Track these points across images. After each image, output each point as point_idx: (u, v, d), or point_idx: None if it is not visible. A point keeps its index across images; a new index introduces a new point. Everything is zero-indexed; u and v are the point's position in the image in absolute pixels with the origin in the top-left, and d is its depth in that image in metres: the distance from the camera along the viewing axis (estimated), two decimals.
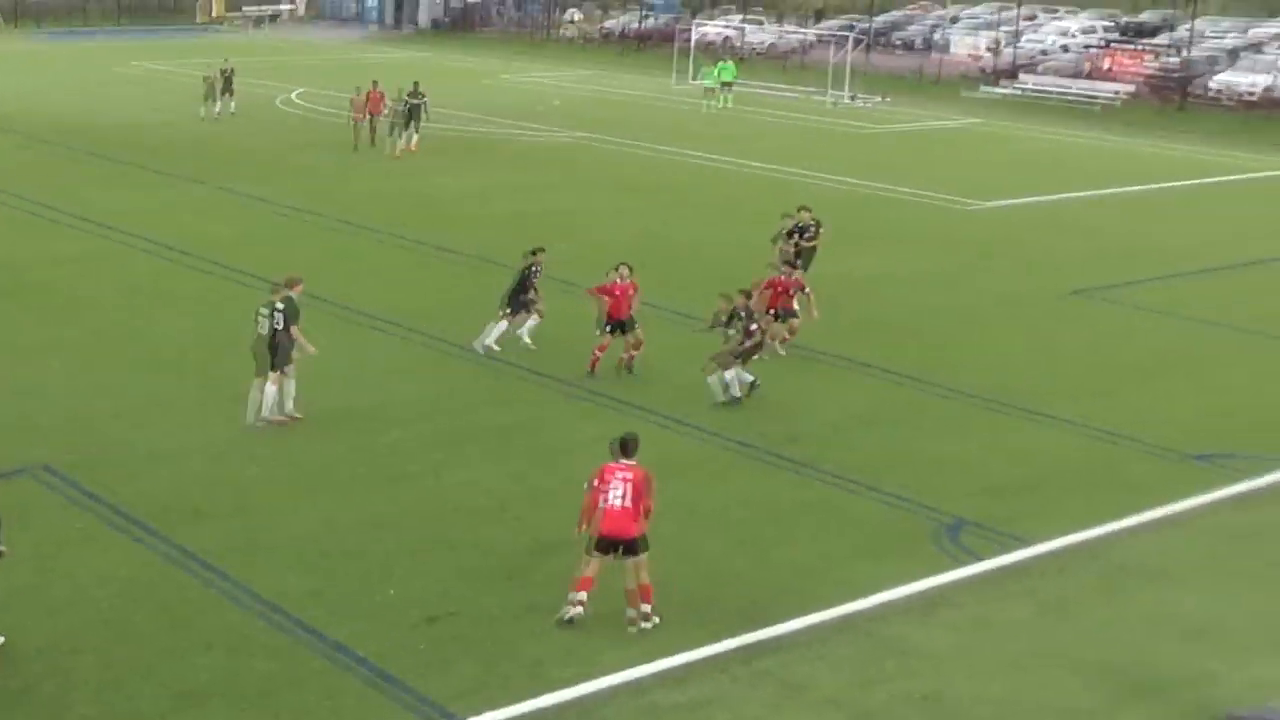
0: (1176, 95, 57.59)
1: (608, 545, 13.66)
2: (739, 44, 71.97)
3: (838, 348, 22.72)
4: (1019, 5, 70.55)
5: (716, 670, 12.94)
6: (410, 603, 13.98)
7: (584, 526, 13.82)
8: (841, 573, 15.00)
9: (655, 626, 13.63)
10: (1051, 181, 39.34)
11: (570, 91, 57.18)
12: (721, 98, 53.72)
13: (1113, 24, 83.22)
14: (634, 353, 21.21)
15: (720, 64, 56.06)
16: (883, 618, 14.11)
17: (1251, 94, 57.31)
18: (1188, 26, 67.68)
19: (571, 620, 13.60)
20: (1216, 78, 59.42)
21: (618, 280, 21.17)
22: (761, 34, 75.14)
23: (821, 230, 25.68)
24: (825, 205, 34.51)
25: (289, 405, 18.81)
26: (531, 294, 22.15)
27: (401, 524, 15.82)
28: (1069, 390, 21.33)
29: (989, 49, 65.24)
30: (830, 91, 57.05)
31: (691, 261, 28.17)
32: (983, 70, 64.40)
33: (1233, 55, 64.63)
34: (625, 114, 50.75)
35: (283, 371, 18.67)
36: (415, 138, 40.19)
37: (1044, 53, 67.47)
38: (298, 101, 51.14)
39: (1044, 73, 62.55)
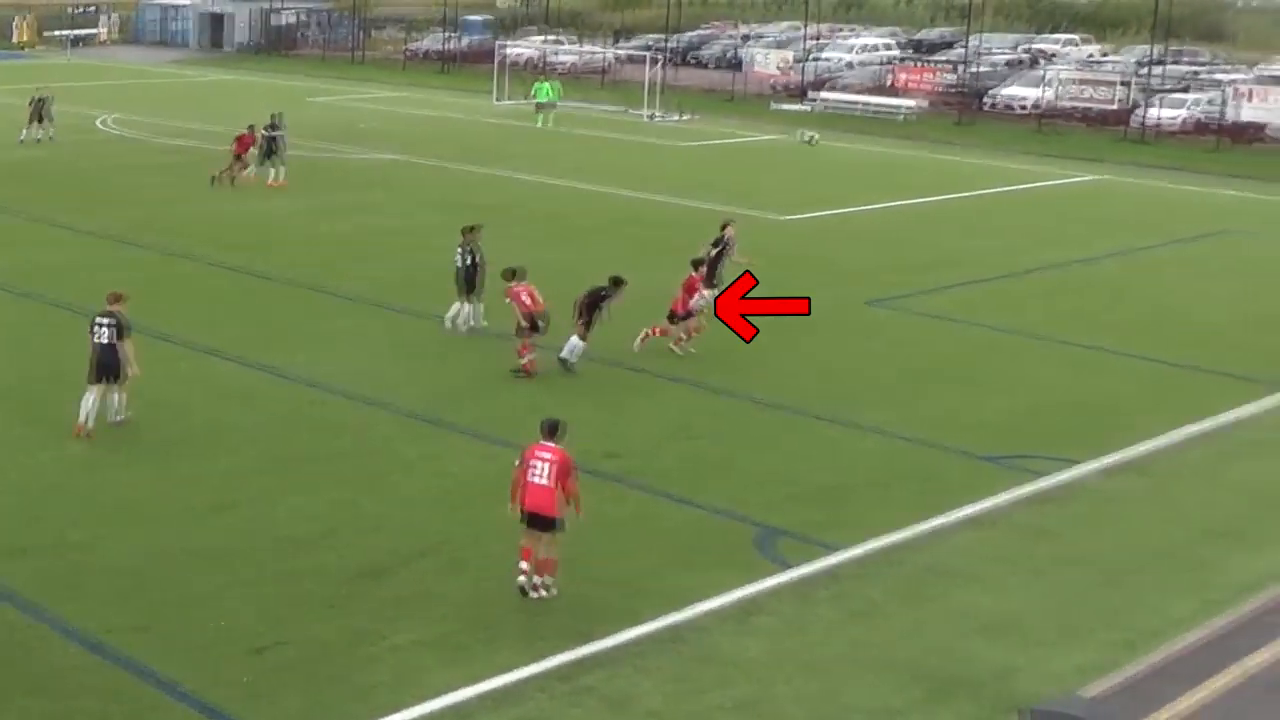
0: (962, 109, 59.00)
1: (532, 521, 14.35)
2: (544, 64, 71.89)
3: (652, 362, 22.74)
4: (804, 25, 71.71)
5: (538, 689, 12.79)
6: (239, 634, 13.57)
7: (513, 503, 14.50)
8: (661, 584, 14.97)
9: (543, 599, 14.37)
10: (851, 194, 39.97)
11: (388, 112, 56.51)
12: (542, 116, 53.63)
13: (900, 41, 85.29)
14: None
15: (543, 83, 56.07)
16: (702, 627, 14.11)
17: (1025, 107, 59.06)
18: (969, 43, 69.45)
19: (523, 589, 14.35)
20: (994, 91, 61.12)
21: (520, 285, 22.01)
22: (566, 54, 75.19)
23: (727, 248, 25.74)
24: (643, 221, 34.92)
25: (116, 415, 18.81)
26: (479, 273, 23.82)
27: (230, 554, 15.37)
28: (872, 398, 21.64)
29: (781, 67, 66.03)
30: (644, 110, 57.26)
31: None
32: (775, 87, 65.23)
33: (1012, 69, 66.59)
34: (444, 133, 50.32)
35: (110, 382, 18.60)
36: (280, 171, 37.67)
37: (849, 65, 68.69)
38: (114, 126, 49.69)
39: (839, 89, 63.62)
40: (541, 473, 14.37)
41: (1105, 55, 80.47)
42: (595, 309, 22.31)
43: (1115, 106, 56.54)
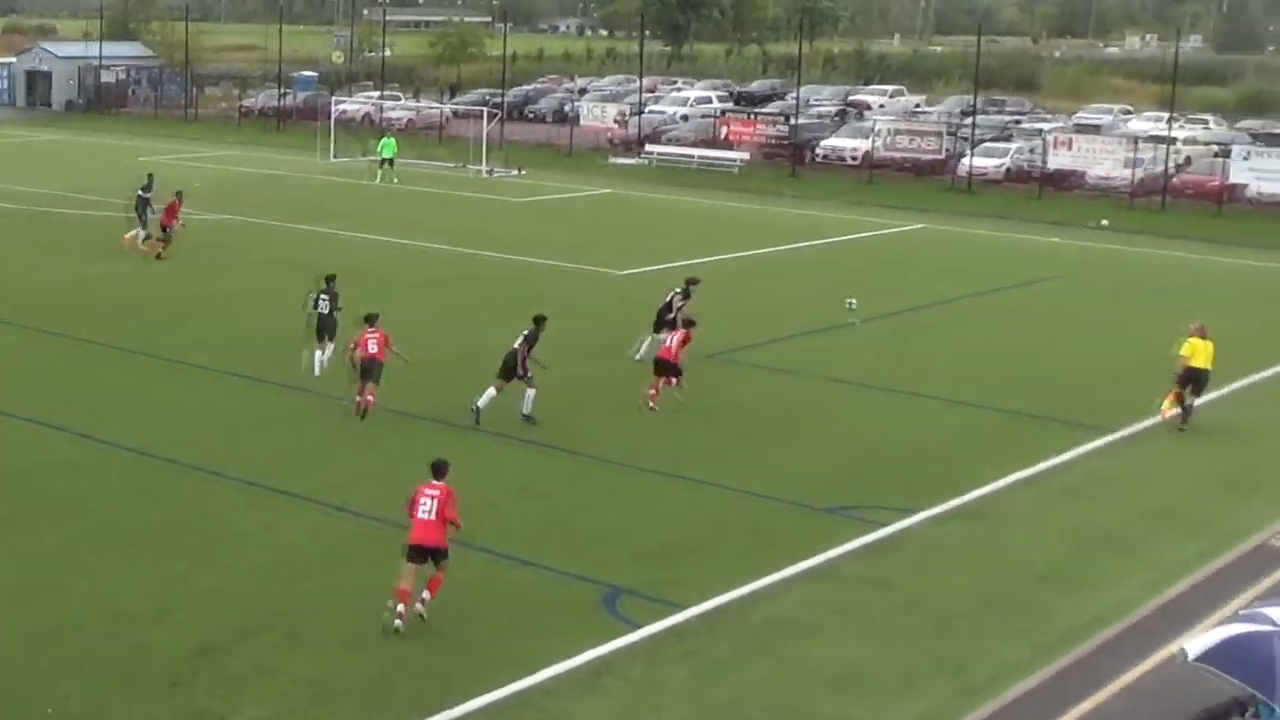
0: (789, 160, 60.02)
1: (418, 553, 15.34)
2: (378, 119, 71.56)
3: (485, 421, 22.63)
4: (639, 78, 72.46)
5: None
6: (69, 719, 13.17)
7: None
8: (508, 649, 14.90)
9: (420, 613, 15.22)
10: (685, 247, 40.30)
11: (220, 170, 55.69)
12: (383, 173, 53.33)
13: (727, 94, 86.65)
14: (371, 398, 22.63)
15: (387, 139, 55.82)
16: (551, 691, 14.07)
17: (854, 157, 60.33)
18: (797, 95, 70.84)
19: (397, 629, 14.97)
20: (824, 143, 62.32)
21: (369, 331, 22.73)
22: (400, 109, 74.96)
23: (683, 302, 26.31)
24: (477, 278, 34.82)
25: None
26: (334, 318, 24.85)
27: (59, 634, 14.92)
28: (710, 452, 21.83)
29: (617, 120, 66.62)
30: (477, 165, 57.26)
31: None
32: (610, 141, 65.76)
33: (837, 121, 68.05)
34: (278, 192, 49.71)
35: None
36: (141, 234, 36.36)
37: (682, 118, 69.48)
38: None
39: (671, 142, 64.33)
40: (429, 509, 15.44)
41: (919, 107, 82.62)
42: (529, 353, 22.81)
43: (939, 156, 57.96)
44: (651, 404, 23.73)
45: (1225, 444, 23.40)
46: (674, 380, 23.93)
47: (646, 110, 70.35)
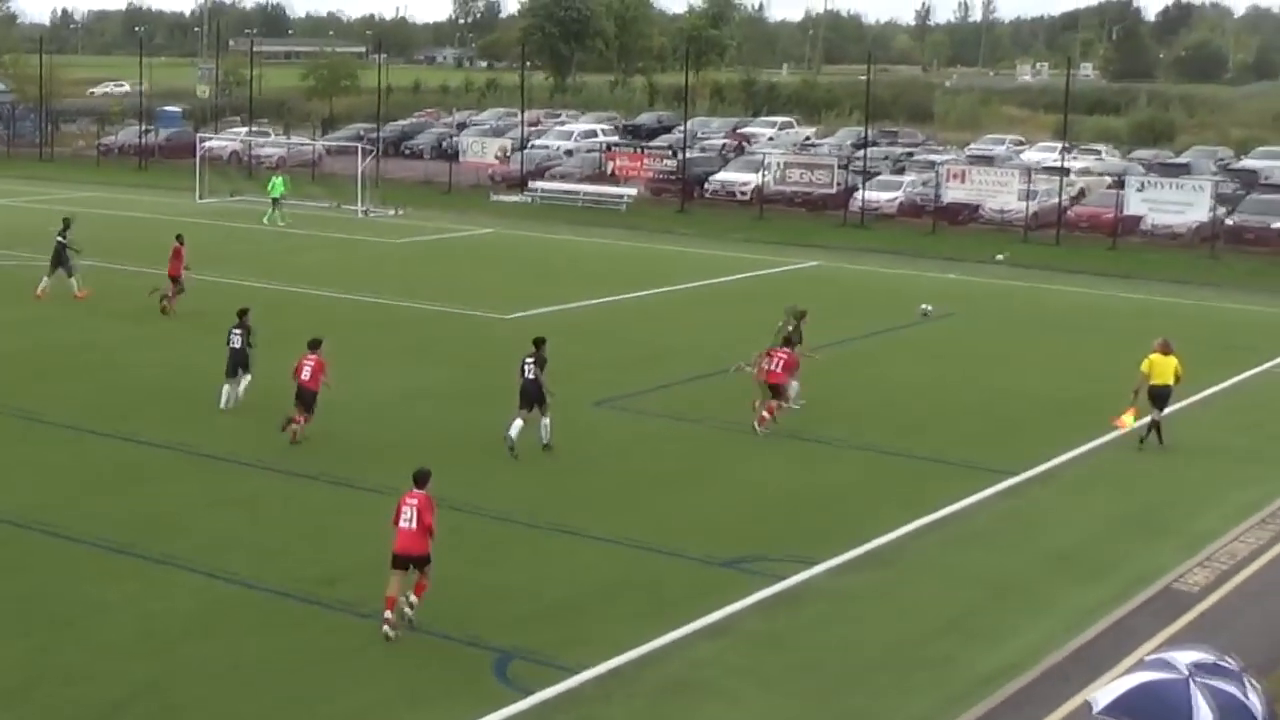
0: (679, 196, 60.36)
1: (401, 561, 16.69)
2: (246, 158, 70.89)
3: (367, 474, 22.42)
4: (521, 111, 72.55)
5: None
6: None
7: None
8: None
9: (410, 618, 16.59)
10: (572, 288, 40.36)
11: (81, 213, 54.61)
12: (271, 214, 52.80)
13: (613, 127, 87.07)
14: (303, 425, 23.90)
15: (276, 177, 55.33)
16: None
17: (744, 192, 60.85)
18: (685, 128, 71.29)
19: (387, 636, 16.26)
20: (714, 177, 62.79)
21: (309, 356, 24.18)
22: (271, 146, 74.34)
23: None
24: (352, 323, 34.50)
25: None
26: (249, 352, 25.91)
27: None
28: (602, 504, 21.78)
29: (499, 156, 66.63)
30: (353, 205, 56.88)
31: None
32: (493, 178, 65.75)
33: (728, 154, 68.64)
34: (142, 236, 48.81)
35: None
36: (78, 281, 36.10)
37: (568, 153, 69.64)
38: None
39: (553, 178, 64.45)
40: (410, 518, 16.77)
41: (810, 139, 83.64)
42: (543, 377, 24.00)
43: (831, 190, 58.58)
44: (761, 424, 25.57)
45: (1129, 485, 23.81)
46: (774, 404, 25.79)
47: (530, 145, 70.51)
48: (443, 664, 16.16)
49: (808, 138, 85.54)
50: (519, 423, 23.84)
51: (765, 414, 25.72)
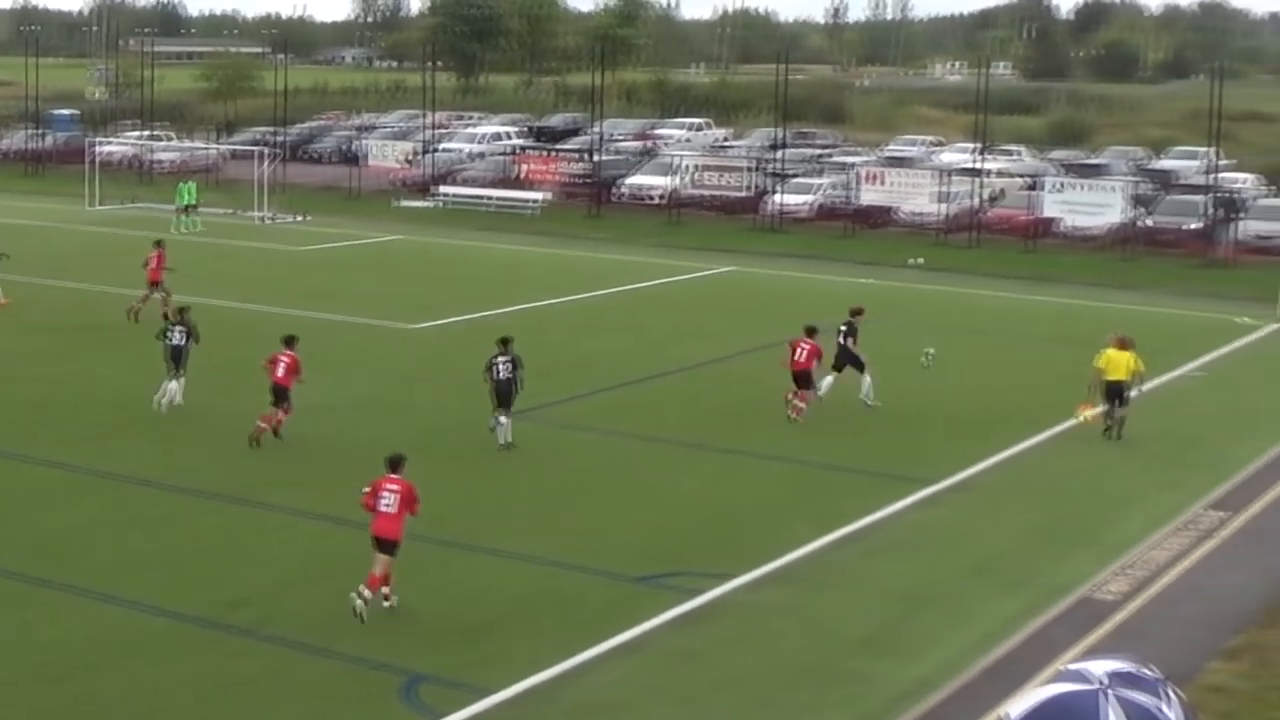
0: (591, 200, 60.40)
1: (379, 544, 17.63)
2: (145, 162, 70.12)
3: (272, 494, 22.30)
4: (426, 113, 72.32)
5: None
6: None
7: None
8: None
9: (392, 607, 17.71)
10: (482, 296, 40.29)
11: None
12: (180, 221, 52.16)
13: (523, 129, 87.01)
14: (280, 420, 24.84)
15: (186, 183, 54.68)
16: None
17: (659, 196, 60.95)
18: (595, 130, 71.29)
19: (357, 612, 17.22)
20: (627, 181, 62.88)
21: (283, 352, 25.21)
22: (167, 151, 73.56)
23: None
24: (252, 336, 34.16)
25: None
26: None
27: None
28: (514, 521, 21.79)
29: (407, 159, 66.39)
30: (256, 211, 56.43)
31: (113, 409, 27.02)
32: (398, 183, 65.52)
33: (640, 157, 68.82)
34: (34, 245, 48.02)
35: None
36: None
37: (473, 157, 69.55)
38: None
39: (463, 182, 64.33)
40: (390, 502, 17.75)
41: (724, 140, 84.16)
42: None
43: (746, 193, 58.89)
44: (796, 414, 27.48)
45: (1047, 492, 24.17)
46: (807, 393, 27.69)
47: (437, 148, 70.30)
48: (350, 688, 16.12)
49: (723, 139, 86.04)
50: (505, 421, 25.16)
51: (799, 404, 27.35)
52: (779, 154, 63.22)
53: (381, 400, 28.69)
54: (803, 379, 27.73)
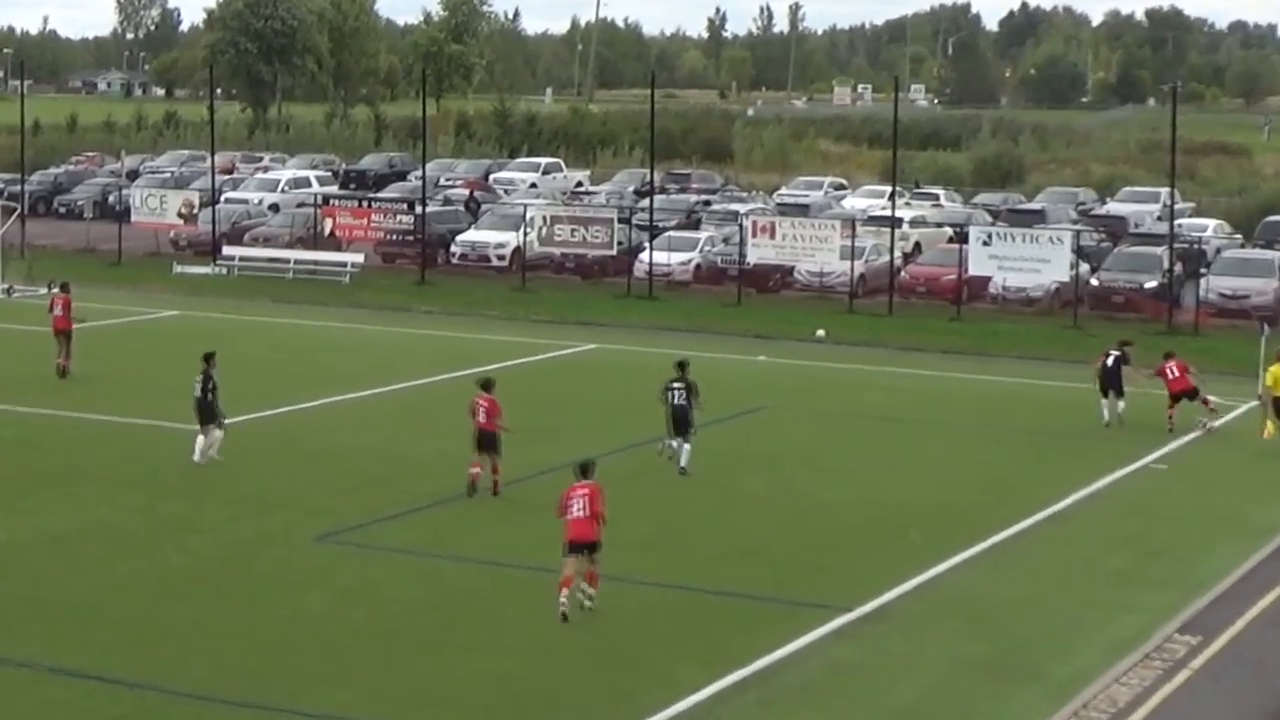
0: (418, 263, 60.18)
1: (576, 548, 23.01)
2: None
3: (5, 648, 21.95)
4: (210, 154, 71.92)
5: None
6: None
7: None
8: None
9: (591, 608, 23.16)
10: (280, 387, 39.99)
11: None
12: None
13: (331, 174, 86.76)
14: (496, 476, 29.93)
15: None
16: None
17: (502, 256, 61.03)
18: (425, 174, 70.94)
19: (565, 616, 22.91)
20: (461, 237, 62.88)
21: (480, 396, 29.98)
22: None
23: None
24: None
25: None
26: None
27: None
28: (326, 672, 21.61)
29: (183, 214, 65.44)
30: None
31: None
32: (177, 242, 64.95)
33: (481, 207, 68.98)
34: None
35: None
36: None
37: (273, 208, 69.16)
38: None
39: (254, 242, 63.99)
40: (581, 507, 23.01)
41: (581, 186, 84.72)
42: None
43: (610, 251, 58.82)
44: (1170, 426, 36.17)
45: (983, 618, 24.45)
46: (1205, 402, 36.58)
47: (223, 199, 69.85)
48: None
49: (579, 184, 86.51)
50: (681, 444, 31.70)
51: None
52: (650, 201, 63.63)
53: (148, 523, 28.39)
54: (1186, 393, 36.85)
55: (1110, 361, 37.67)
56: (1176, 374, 36.87)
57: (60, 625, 23.18)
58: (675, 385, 31.78)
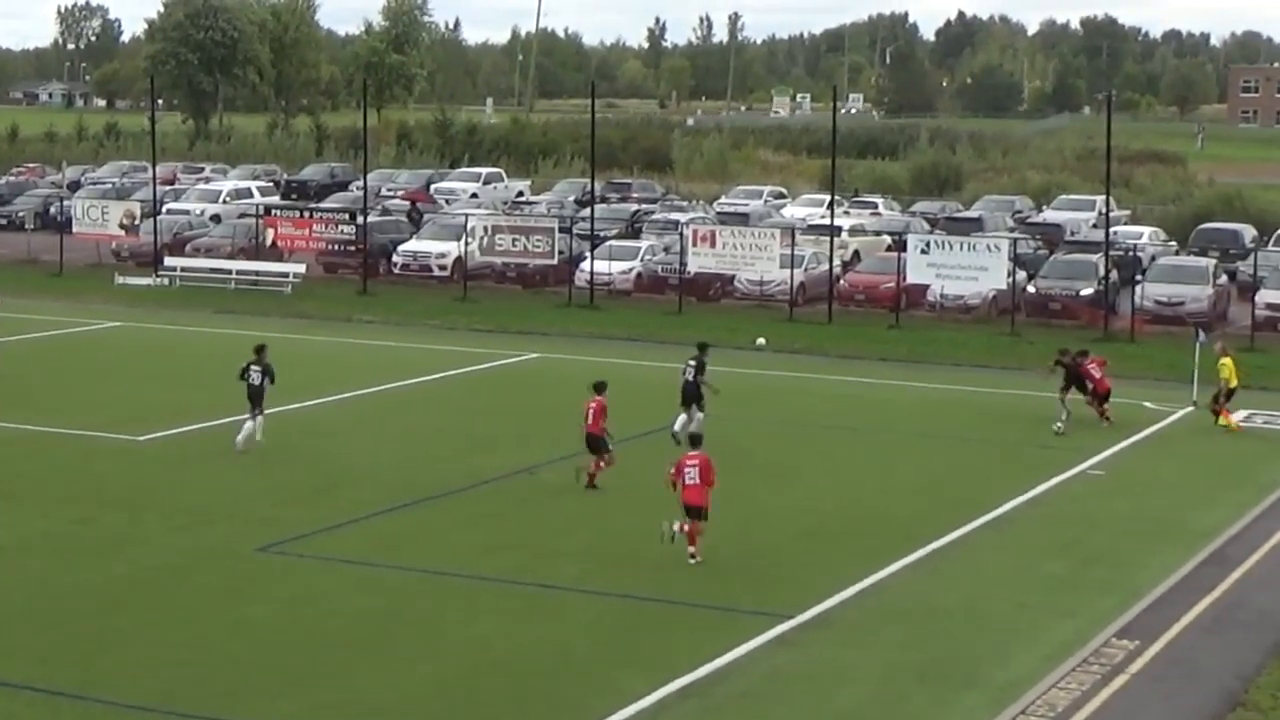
0: (359, 273, 60.06)
1: (688, 510, 26.41)
2: None
3: None
4: (151, 165, 71.69)
5: None
6: None
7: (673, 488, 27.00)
8: None
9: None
10: (223, 398, 39.60)
11: None
12: None
13: (273, 184, 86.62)
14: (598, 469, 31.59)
15: None
16: None
17: (444, 265, 60.94)
18: (361, 185, 70.92)
19: (674, 537, 26.57)
20: (402, 247, 62.79)
21: (594, 399, 31.92)
22: None
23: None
24: None
25: None
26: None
27: None
28: (264, 683, 21.52)
29: (124, 225, 65.08)
30: None
31: None
32: (119, 254, 64.66)
33: (424, 217, 68.90)
34: None
35: None
36: None
37: (214, 219, 68.87)
38: None
39: (196, 252, 63.75)
40: (694, 475, 26.43)
41: (522, 195, 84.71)
42: None
43: (551, 261, 58.89)
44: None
45: (923, 625, 24.52)
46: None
47: (165, 210, 69.59)
48: None
49: (520, 193, 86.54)
50: (694, 415, 35.18)
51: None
52: (591, 211, 63.69)
53: (91, 535, 28.27)
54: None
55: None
56: (1099, 374, 38.30)
57: (1, 637, 23.02)
58: (690, 363, 35.87)
